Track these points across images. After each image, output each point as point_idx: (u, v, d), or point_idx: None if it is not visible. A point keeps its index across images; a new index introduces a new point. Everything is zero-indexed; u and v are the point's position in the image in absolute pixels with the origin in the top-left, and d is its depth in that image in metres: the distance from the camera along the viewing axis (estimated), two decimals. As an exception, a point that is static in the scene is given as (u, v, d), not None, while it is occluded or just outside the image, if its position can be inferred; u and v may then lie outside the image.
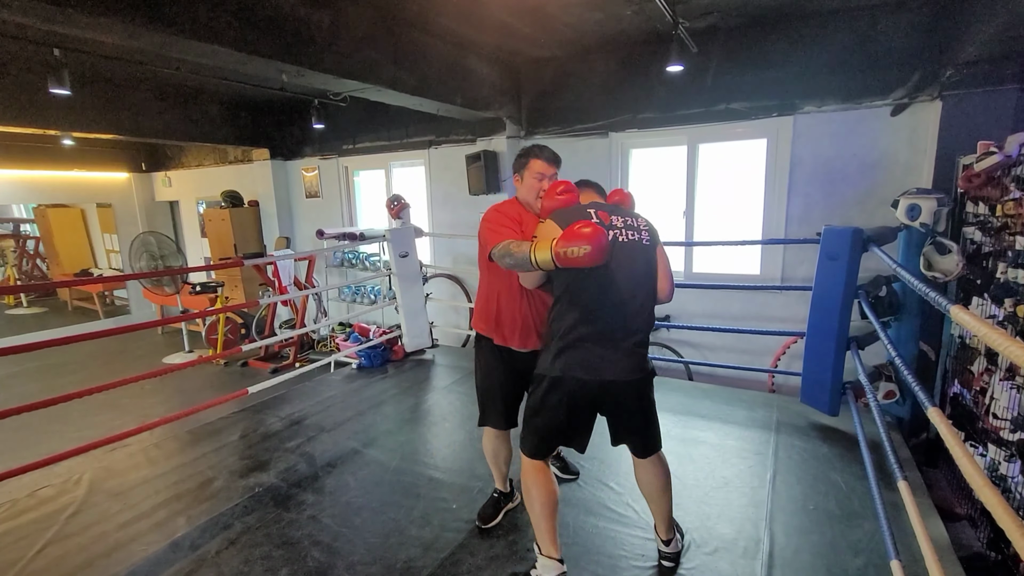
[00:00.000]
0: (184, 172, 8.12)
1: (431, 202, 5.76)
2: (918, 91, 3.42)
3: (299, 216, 7.06)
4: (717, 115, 4.09)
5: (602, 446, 2.82)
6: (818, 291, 2.88)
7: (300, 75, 3.23)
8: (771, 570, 1.89)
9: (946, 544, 1.97)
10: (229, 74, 4.65)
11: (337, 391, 3.77)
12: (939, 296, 1.43)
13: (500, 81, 4.72)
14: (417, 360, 4.42)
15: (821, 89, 3.71)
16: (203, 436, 3.07)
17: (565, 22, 3.73)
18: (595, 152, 4.63)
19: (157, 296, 6.92)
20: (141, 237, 6.50)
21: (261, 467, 2.70)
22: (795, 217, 3.93)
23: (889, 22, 3.43)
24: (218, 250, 7.15)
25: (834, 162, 3.75)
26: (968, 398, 2.67)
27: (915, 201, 2.83)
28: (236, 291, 7.05)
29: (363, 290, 6.37)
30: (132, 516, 2.31)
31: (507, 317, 2.04)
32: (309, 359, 5.89)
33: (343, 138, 6.25)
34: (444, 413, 3.39)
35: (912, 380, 1.64)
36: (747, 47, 3.88)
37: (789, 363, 3.96)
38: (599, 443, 2.88)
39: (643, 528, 2.13)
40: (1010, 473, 2.22)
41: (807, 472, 2.53)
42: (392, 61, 3.63)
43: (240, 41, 2.71)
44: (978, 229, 2.73)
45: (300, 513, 2.29)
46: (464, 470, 2.63)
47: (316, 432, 3.10)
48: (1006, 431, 2.25)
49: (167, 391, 5.31)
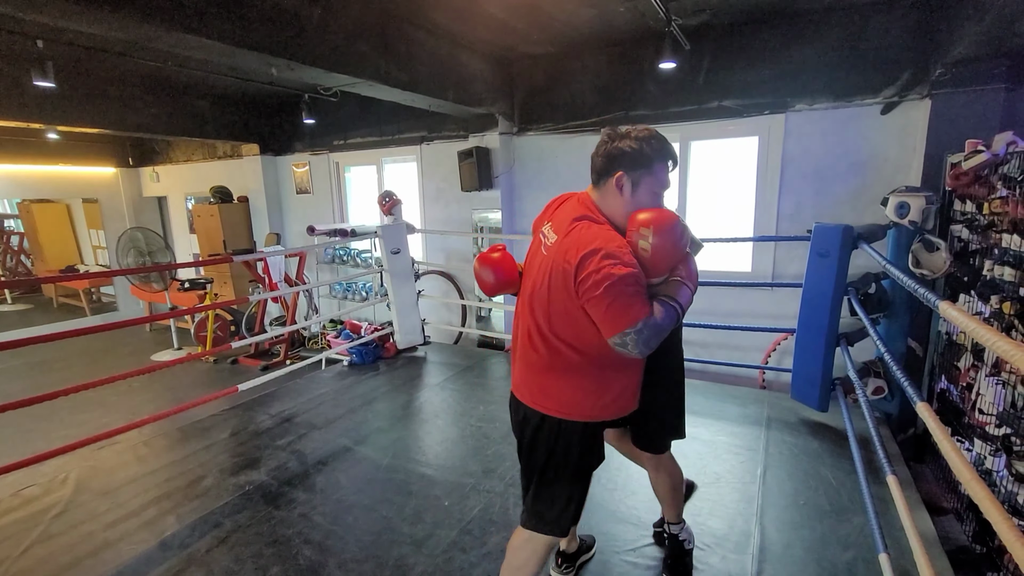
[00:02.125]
0: (172, 167, 8.02)
1: (423, 198, 5.73)
2: (908, 90, 3.45)
3: (289, 212, 7.00)
4: (709, 112, 4.10)
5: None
6: (808, 288, 2.90)
7: (290, 69, 3.20)
8: (762, 565, 1.91)
9: (933, 537, 2.00)
10: (217, 68, 4.59)
11: (328, 388, 3.75)
12: (928, 292, 1.45)
13: (493, 77, 4.70)
14: (409, 357, 4.40)
15: (812, 87, 3.73)
16: (192, 434, 3.04)
17: (558, 18, 3.71)
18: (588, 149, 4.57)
19: (145, 293, 6.83)
20: (128, 233, 6.42)
21: (251, 465, 2.68)
22: (786, 214, 3.96)
23: (879, 21, 3.45)
24: (207, 246, 7.07)
25: (825, 160, 3.78)
26: (955, 394, 2.71)
27: (904, 199, 2.86)
28: (225, 288, 6.98)
29: (354, 287, 6.33)
30: (120, 515, 2.28)
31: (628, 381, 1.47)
32: (300, 356, 5.85)
33: (334, 133, 6.20)
34: (436, 410, 3.38)
35: (901, 376, 1.65)
36: (739, 45, 3.89)
37: (780, 359, 4.00)
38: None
39: (634, 524, 2.14)
40: (995, 467, 2.25)
41: (797, 467, 2.55)
42: (383, 55, 3.60)
43: (228, 33, 2.67)
44: (965, 227, 2.76)
45: (291, 511, 2.27)
46: (456, 467, 2.63)
47: (307, 430, 3.08)
48: (992, 426, 2.28)
49: (156, 389, 5.25)
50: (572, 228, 1.33)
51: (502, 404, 3.36)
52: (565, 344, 1.35)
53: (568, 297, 1.29)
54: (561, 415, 1.40)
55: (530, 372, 1.44)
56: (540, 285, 1.38)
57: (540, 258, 1.42)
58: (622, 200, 1.35)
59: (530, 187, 5.04)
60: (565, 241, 1.32)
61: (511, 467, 2.58)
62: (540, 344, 1.39)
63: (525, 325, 1.45)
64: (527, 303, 1.45)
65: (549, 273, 1.35)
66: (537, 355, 1.40)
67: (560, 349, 1.36)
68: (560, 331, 1.35)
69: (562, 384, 1.39)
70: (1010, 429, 2.18)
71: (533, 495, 1.47)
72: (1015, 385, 2.18)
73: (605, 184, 1.38)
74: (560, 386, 1.39)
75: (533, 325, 1.41)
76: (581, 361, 1.36)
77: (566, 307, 1.32)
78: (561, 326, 1.35)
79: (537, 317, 1.39)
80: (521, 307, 1.49)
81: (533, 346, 1.41)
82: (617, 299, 1.20)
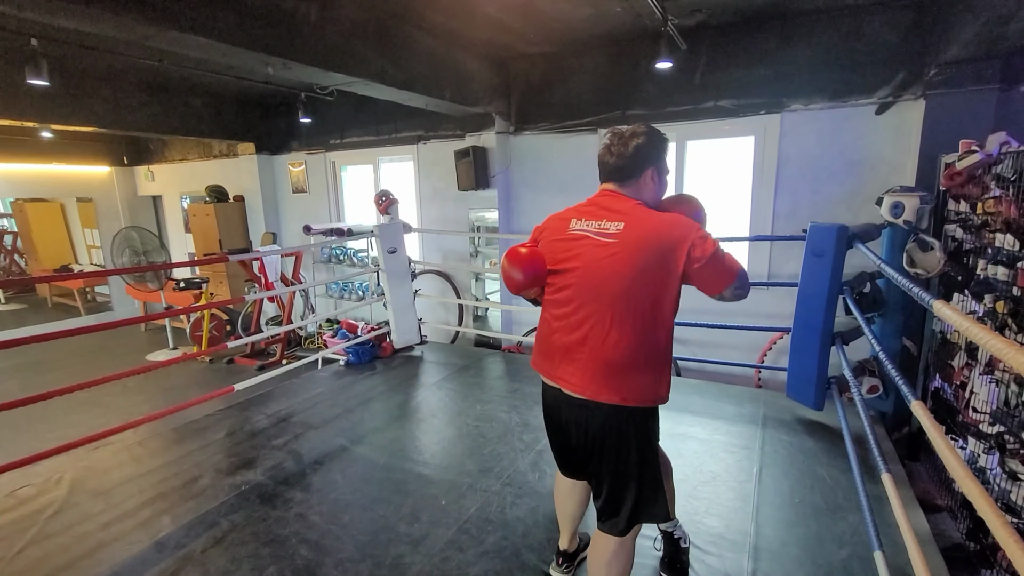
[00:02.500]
0: (168, 166, 7.98)
1: (420, 197, 5.73)
2: (902, 90, 3.47)
3: (285, 211, 6.98)
4: (705, 112, 4.11)
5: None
6: (804, 287, 2.91)
7: (286, 68, 3.19)
8: (758, 563, 1.92)
9: (927, 535, 2.01)
10: (213, 66, 4.57)
11: (324, 388, 3.74)
12: (923, 291, 1.46)
13: (489, 76, 4.70)
14: (406, 357, 4.40)
15: (808, 87, 3.74)
16: (188, 434, 3.03)
17: (554, 17, 3.72)
18: (584, 149, 4.63)
19: (140, 292, 6.80)
20: (123, 232, 6.38)
21: (248, 465, 2.67)
22: (782, 214, 3.97)
23: (874, 22, 3.47)
24: (203, 246, 7.04)
25: (820, 160, 3.79)
26: (949, 392, 2.73)
27: (899, 199, 2.87)
28: (221, 287, 6.96)
29: (351, 286, 6.32)
30: (115, 515, 2.27)
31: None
32: (296, 356, 5.84)
33: (330, 132, 6.19)
34: (433, 410, 3.38)
35: (896, 375, 1.66)
36: (735, 45, 3.90)
37: (776, 359, 4.01)
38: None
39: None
40: (989, 465, 2.27)
41: (793, 466, 2.56)
42: (380, 55, 3.59)
43: (225, 32, 2.67)
44: (959, 226, 2.78)
45: (287, 511, 2.27)
46: (453, 466, 2.63)
47: (303, 429, 3.07)
48: (985, 424, 2.30)
49: (151, 389, 5.23)
50: (642, 215, 1.44)
51: (499, 403, 3.37)
52: (642, 325, 1.39)
53: (663, 272, 1.38)
54: (647, 403, 1.45)
55: (608, 368, 1.41)
56: (622, 275, 1.39)
57: (598, 252, 1.44)
58: (655, 189, 1.55)
59: (527, 186, 5.05)
60: (645, 226, 1.42)
61: (508, 466, 2.59)
62: (620, 335, 1.40)
63: (595, 318, 1.42)
64: (596, 295, 1.43)
65: (632, 256, 1.39)
66: (616, 348, 1.40)
67: (636, 332, 1.39)
68: (643, 312, 1.39)
69: (642, 372, 1.42)
70: (1003, 427, 2.19)
71: (636, 494, 1.47)
72: (1008, 383, 2.19)
73: (639, 179, 1.52)
74: (641, 374, 1.42)
75: (614, 316, 1.40)
76: (653, 345, 1.42)
77: (656, 284, 1.38)
78: (643, 309, 1.39)
79: (625, 305, 1.40)
80: (578, 301, 1.46)
81: (608, 340, 1.41)
82: (721, 260, 1.39)
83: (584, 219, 1.50)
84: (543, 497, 2.32)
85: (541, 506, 2.26)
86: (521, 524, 2.15)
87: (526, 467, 2.58)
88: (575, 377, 1.46)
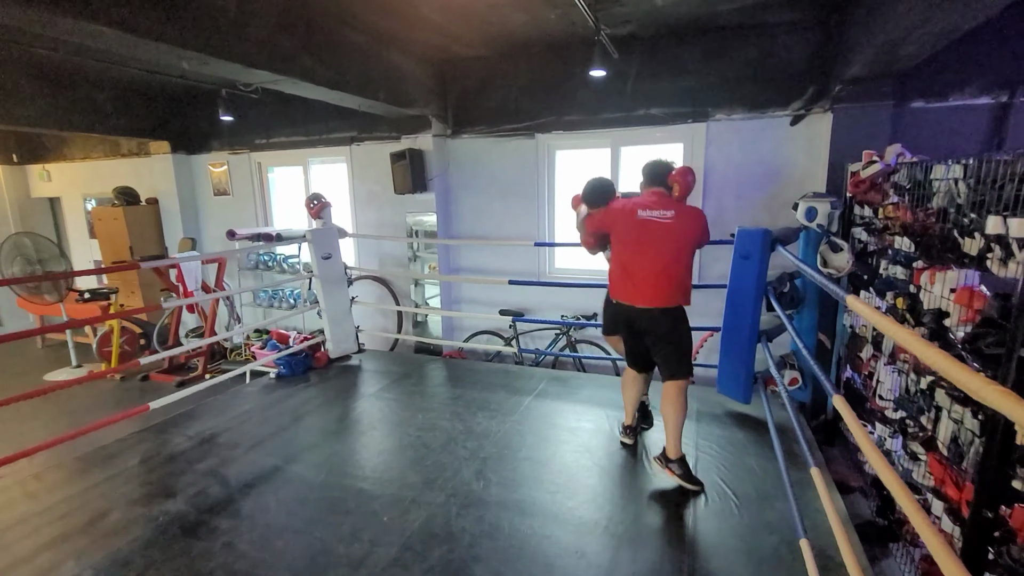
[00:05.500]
0: (67, 165, 7.23)
1: (354, 201, 5.53)
2: (813, 103, 3.76)
3: (206, 215, 6.52)
4: (638, 120, 4.26)
5: (536, 446, 2.84)
6: (732, 288, 3.08)
7: (203, 64, 2.97)
8: (695, 555, 1.99)
9: (846, 517, 2.17)
10: (118, 57, 4.18)
11: (254, 404, 3.51)
12: (838, 289, 1.57)
13: (426, 78, 4.62)
14: (342, 366, 4.23)
15: (730, 98, 3.97)
16: (95, 462, 2.74)
17: (491, 21, 3.71)
18: (522, 153, 4.66)
19: (36, 305, 6.10)
20: (13, 238, 5.70)
21: (166, 493, 2.44)
22: (709, 219, 4.12)
23: (787, 39, 3.74)
24: (111, 253, 6.43)
25: (743, 167, 4.03)
26: (858, 382, 2.97)
27: (812, 204, 3.10)
28: (133, 298, 6.38)
29: (281, 294, 6.00)
30: (7, 563, 2.00)
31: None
32: (221, 369, 5.46)
33: (256, 132, 5.85)
34: (373, 421, 3.26)
35: (817, 369, 1.78)
36: (664, 56, 4.07)
37: (707, 356, 4.21)
38: (533, 443, 2.89)
39: (575, 525, 2.16)
40: (893, 448, 2.48)
41: (726, 458, 2.69)
42: (309, 52, 3.43)
43: (129, 22, 2.43)
44: (864, 229, 3.04)
45: (213, 541, 2.09)
46: (395, 480, 2.54)
47: (230, 450, 2.86)
48: (890, 410, 2.51)
49: (51, 413, 4.69)
50: (684, 207, 2.48)
51: (441, 411, 3.30)
52: (684, 267, 2.46)
53: (696, 240, 2.48)
54: (684, 303, 2.50)
55: (668, 286, 2.43)
56: (675, 240, 2.43)
57: (662, 228, 2.42)
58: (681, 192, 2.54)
59: (466, 190, 5.01)
60: (688, 214, 2.47)
61: (452, 476, 2.53)
62: (674, 271, 2.43)
63: (662, 263, 2.42)
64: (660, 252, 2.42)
65: (681, 231, 2.43)
66: (670, 278, 2.42)
67: (681, 270, 2.45)
68: (685, 260, 2.46)
69: (682, 289, 2.47)
70: (904, 413, 2.41)
71: (678, 359, 2.48)
72: (908, 372, 2.41)
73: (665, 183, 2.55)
74: (681, 290, 2.47)
75: (670, 261, 2.42)
76: (686, 276, 2.48)
77: (691, 248, 2.48)
78: (685, 259, 2.46)
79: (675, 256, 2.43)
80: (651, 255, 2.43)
81: (668, 274, 2.42)
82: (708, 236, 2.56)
83: (648, 209, 2.45)
84: (489, 506, 2.29)
85: (487, 515, 2.23)
86: (467, 535, 2.11)
87: (470, 476, 2.54)
88: (648, 296, 2.44)
